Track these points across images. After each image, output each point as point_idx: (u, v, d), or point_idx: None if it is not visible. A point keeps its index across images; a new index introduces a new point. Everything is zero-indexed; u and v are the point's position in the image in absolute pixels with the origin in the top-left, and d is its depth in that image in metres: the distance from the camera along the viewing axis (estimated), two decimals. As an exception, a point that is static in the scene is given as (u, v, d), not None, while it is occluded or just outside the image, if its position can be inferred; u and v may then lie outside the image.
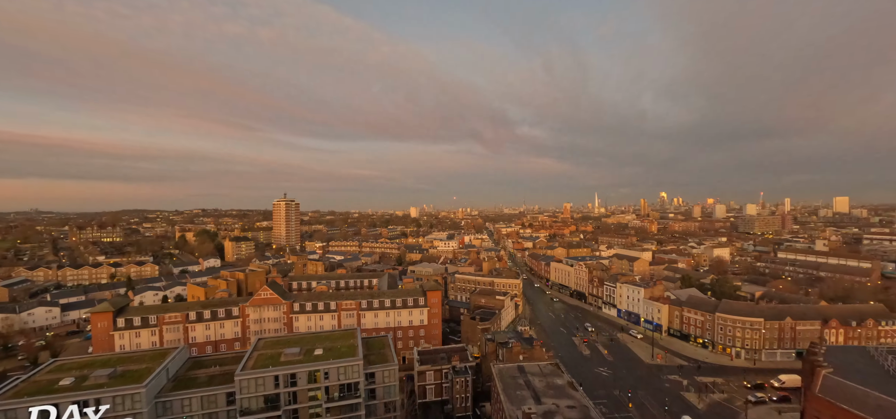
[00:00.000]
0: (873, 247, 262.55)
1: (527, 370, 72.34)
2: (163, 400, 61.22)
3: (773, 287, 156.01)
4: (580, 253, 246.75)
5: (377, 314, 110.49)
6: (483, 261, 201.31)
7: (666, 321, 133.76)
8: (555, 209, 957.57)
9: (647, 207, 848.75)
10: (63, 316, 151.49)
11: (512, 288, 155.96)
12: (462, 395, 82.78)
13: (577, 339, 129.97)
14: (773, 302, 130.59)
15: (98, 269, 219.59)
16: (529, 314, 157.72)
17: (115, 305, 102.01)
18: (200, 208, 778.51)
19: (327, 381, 66.48)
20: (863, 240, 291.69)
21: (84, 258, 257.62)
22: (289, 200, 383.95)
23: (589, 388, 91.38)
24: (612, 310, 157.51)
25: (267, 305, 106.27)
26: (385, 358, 76.18)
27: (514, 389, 65.12)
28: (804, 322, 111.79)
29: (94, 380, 60.96)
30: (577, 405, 59.49)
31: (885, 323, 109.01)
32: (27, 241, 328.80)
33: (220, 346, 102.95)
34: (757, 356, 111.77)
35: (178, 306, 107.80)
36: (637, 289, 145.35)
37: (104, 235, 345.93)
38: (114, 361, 70.28)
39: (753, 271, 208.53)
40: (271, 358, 69.29)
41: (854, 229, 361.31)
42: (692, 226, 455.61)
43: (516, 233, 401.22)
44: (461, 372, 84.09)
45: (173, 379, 67.17)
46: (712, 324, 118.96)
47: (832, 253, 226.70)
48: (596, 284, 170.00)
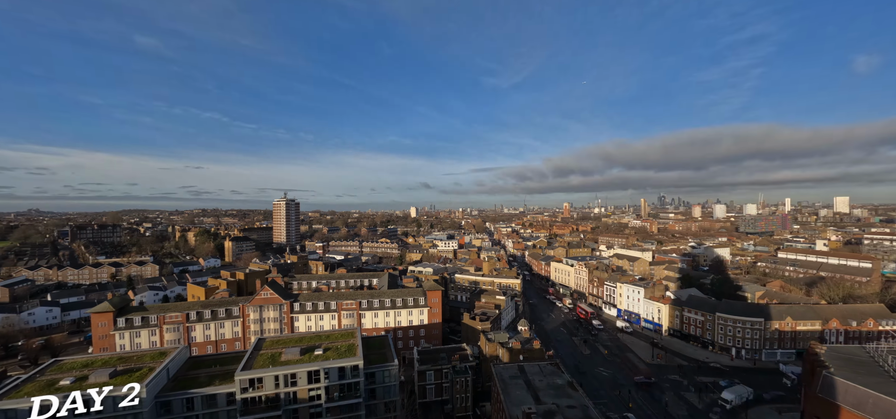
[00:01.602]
0: (873, 247, 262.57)
1: (527, 370, 72.32)
2: (163, 399, 61.28)
3: (773, 287, 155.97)
4: (580, 253, 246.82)
5: (377, 314, 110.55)
6: (483, 261, 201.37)
7: (666, 321, 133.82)
8: (555, 209, 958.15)
9: (647, 208, 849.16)
10: (64, 316, 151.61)
11: (512, 288, 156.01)
12: (462, 395, 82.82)
13: (578, 339, 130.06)
14: (773, 302, 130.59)
15: (98, 269, 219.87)
16: (529, 314, 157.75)
17: (116, 305, 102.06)
18: (200, 208, 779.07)
19: (327, 381, 66.50)
20: (863, 240, 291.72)
21: (84, 258, 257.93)
22: (289, 200, 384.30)
23: (589, 388, 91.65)
24: (612, 310, 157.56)
25: (267, 305, 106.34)
26: (385, 358, 76.17)
27: (514, 389, 65.14)
28: (804, 322, 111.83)
29: (94, 379, 61.01)
30: (577, 405, 59.48)
31: (885, 323, 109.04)
32: (27, 241, 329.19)
33: (220, 346, 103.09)
34: (757, 356, 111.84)
35: (179, 306, 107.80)
36: (637, 289, 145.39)
37: (104, 235, 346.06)
38: (114, 361, 70.30)
39: (753, 271, 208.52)
40: (271, 358, 69.29)
41: (854, 229, 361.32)
42: (693, 227, 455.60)
43: (516, 234, 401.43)
44: (461, 372, 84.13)
45: (173, 378, 67.16)
46: (712, 324, 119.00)
47: (832, 253, 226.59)
48: (596, 284, 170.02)
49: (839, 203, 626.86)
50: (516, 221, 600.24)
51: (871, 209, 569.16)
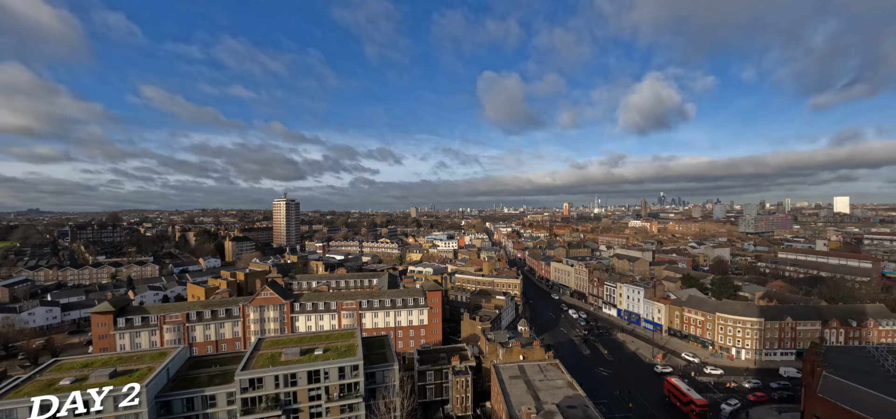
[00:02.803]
0: (874, 247, 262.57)
1: (527, 370, 72.35)
2: (163, 399, 61.26)
3: (773, 287, 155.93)
4: (580, 253, 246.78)
5: (377, 314, 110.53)
6: (483, 261, 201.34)
7: (666, 321, 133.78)
8: (555, 209, 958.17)
9: (647, 208, 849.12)
10: (64, 316, 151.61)
11: (512, 288, 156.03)
12: (462, 395, 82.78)
13: (578, 339, 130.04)
14: (774, 302, 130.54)
15: (99, 269, 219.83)
16: (529, 314, 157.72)
17: (116, 305, 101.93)
18: (200, 208, 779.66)
19: (327, 381, 66.51)
20: (863, 240, 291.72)
21: (84, 258, 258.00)
22: (289, 200, 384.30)
23: (589, 388, 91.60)
24: (613, 310, 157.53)
25: (267, 305, 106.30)
26: (385, 358, 76.14)
27: (514, 389, 65.15)
28: (804, 322, 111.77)
29: (94, 379, 60.98)
30: (577, 405, 59.49)
31: (885, 323, 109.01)
32: (27, 241, 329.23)
33: (220, 346, 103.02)
34: (757, 356, 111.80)
35: (179, 306, 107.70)
36: (637, 289, 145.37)
37: (104, 235, 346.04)
38: (114, 361, 70.23)
39: (753, 271, 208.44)
40: (271, 358, 69.27)
41: (854, 229, 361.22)
42: (693, 227, 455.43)
43: (516, 234, 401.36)
44: (461, 372, 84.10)
45: (173, 378, 67.14)
46: (713, 324, 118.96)
47: (832, 253, 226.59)
48: (596, 284, 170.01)
49: (839, 203, 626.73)
50: (516, 222, 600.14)
51: (872, 209, 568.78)
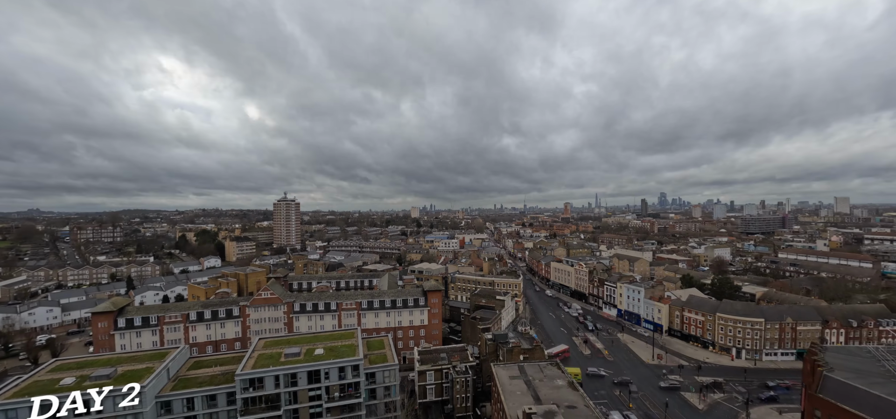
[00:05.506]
0: (874, 247, 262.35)
1: (527, 370, 72.31)
2: (163, 399, 61.28)
3: (773, 287, 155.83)
4: (580, 253, 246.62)
5: (378, 314, 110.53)
6: (483, 261, 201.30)
7: (666, 321, 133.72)
8: (555, 209, 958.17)
9: (647, 208, 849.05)
10: (64, 316, 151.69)
11: (512, 288, 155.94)
12: (462, 395, 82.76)
13: (578, 339, 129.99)
14: (774, 302, 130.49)
15: (99, 269, 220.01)
16: (529, 314, 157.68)
17: (116, 305, 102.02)
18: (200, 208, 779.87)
19: (327, 381, 66.52)
20: (863, 240, 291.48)
21: (84, 258, 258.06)
22: (289, 200, 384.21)
23: (589, 388, 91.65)
24: (613, 311, 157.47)
25: (267, 305, 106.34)
26: (385, 358, 76.20)
27: (515, 389, 65.13)
28: (804, 322, 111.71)
29: (94, 379, 61.00)
30: (577, 405, 59.46)
31: (885, 323, 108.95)
32: (27, 241, 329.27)
33: (220, 346, 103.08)
34: (757, 356, 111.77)
35: (179, 306, 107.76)
36: (637, 289, 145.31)
37: (105, 235, 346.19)
38: (114, 361, 70.29)
39: (753, 271, 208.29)
40: (272, 358, 69.31)
41: (855, 229, 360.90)
42: (693, 227, 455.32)
43: (516, 234, 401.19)
44: (461, 372, 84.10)
45: (174, 378, 67.16)
46: (713, 325, 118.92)
47: (833, 253, 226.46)
48: (596, 284, 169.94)
49: (839, 203, 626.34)
50: (516, 221, 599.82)
51: (872, 209, 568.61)
